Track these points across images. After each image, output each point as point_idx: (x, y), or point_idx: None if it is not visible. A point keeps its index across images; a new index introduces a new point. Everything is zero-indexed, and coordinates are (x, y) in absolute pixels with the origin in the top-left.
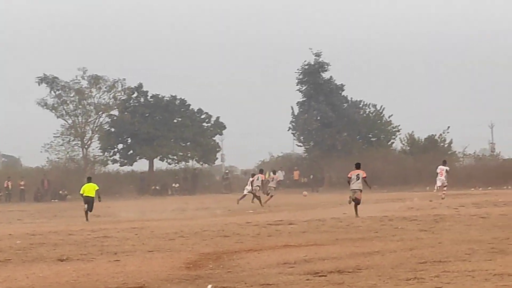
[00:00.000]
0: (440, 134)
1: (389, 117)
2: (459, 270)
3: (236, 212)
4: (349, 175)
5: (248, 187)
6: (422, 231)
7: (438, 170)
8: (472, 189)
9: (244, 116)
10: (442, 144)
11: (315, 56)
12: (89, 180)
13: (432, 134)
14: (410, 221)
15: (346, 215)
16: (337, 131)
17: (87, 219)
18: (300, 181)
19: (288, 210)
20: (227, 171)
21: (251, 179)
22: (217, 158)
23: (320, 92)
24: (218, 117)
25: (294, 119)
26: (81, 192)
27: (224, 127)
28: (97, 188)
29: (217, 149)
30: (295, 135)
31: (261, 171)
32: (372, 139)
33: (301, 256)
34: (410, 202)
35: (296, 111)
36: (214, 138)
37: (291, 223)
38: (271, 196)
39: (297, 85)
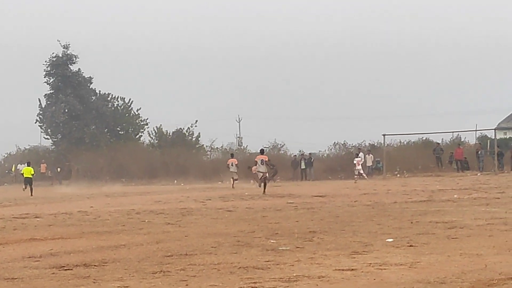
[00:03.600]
0: (188, 128)
1: (137, 110)
2: (205, 263)
3: None
4: (255, 159)
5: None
6: (169, 224)
7: (355, 161)
8: (220, 182)
9: None
10: (190, 137)
11: (63, 48)
12: (29, 164)
13: (180, 128)
14: (157, 215)
15: (93, 208)
16: (85, 124)
17: (24, 189)
18: (47, 174)
19: (35, 203)
20: None
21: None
22: None
23: (68, 85)
24: None
25: (41, 112)
26: (21, 173)
27: None
28: (33, 172)
29: None
30: (43, 127)
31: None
32: (120, 132)
33: (46, 250)
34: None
35: (44, 104)
36: None
37: (37, 216)
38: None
39: (44, 77)
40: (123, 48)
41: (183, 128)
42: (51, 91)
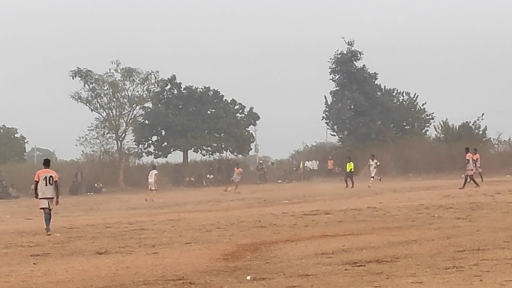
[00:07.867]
0: (475, 121)
1: (422, 105)
2: (498, 258)
3: (272, 203)
4: (474, 158)
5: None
6: (459, 219)
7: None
8: (508, 175)
9: (277, 106)
10: (476, 131)
11: (348, 45)
12: (350, 159)
13: (467, 121)
14: (447, 209)
15: (381, 204)
16: (371, 119)
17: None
18: (334, 170)
19: (323, 199)
20: (261, 162)
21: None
22: (251, 149)
23: (353, 81)
24: (251, 108)
25: (327, 109)
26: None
27: (258, 118)
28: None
29: (251, 140)
30: (329, 124)
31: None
32: (406, 127)
33: (338, 246)
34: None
35: (330, 101)
36: (247, 129)
37: (327, 213)
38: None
39: (330, 74)
40: (406, 44)
41: (469, 122)
42: (337, 88)
